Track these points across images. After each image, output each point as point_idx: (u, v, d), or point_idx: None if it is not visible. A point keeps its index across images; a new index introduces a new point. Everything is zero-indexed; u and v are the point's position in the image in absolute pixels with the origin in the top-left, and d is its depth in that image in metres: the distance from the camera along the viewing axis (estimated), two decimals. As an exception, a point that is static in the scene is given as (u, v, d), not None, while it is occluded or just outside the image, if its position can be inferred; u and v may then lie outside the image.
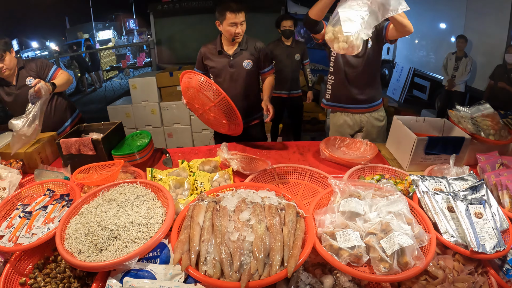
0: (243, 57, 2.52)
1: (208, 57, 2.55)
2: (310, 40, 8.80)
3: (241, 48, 2.51)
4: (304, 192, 1.80)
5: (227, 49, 2.51)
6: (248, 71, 2.54)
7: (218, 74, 2.56)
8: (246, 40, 2.52)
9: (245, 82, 2.56)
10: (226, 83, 2.53)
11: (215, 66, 2.54)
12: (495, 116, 2.09)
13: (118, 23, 26.57)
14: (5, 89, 2.54)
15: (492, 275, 1.28)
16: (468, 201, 1.37)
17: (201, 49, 2.59)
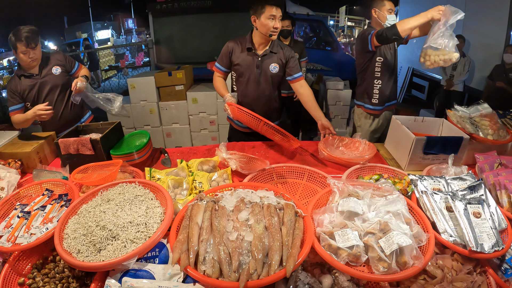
0: (271, 60, 2.42)
1: (237, 52, 2.43)
2: (309, 40, 8.82)
3: (271, 51, 2.41)
4: (303, 191, 1.80)
5: (257, 48, 2.41)
6: (273, 75, 2.45)
7: (242, 73, 2.45)
8: (276, 43, 2.44)
9: (268, 85, 2.48)
10: (249, 83, 2.46)
11: (241, 64, 2.43)
12: (493, 116, 2.10)
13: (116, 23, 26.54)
14: (28, 82, 2.53)
15: (491, 275, 1.28)
16: (466, 201, 1.37)
17: (228, 43, 2.46)
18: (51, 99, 2.59)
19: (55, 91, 2.60)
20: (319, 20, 8.01)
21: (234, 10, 5.34)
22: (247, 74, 2.44)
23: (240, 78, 2.48)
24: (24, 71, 2.52)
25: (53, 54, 2.67)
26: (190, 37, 5.65)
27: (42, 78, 2.54)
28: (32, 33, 2.36)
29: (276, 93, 2.58)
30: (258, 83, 2.45)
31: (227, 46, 2.45)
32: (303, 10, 7.16)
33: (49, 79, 2.56)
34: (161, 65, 5.84)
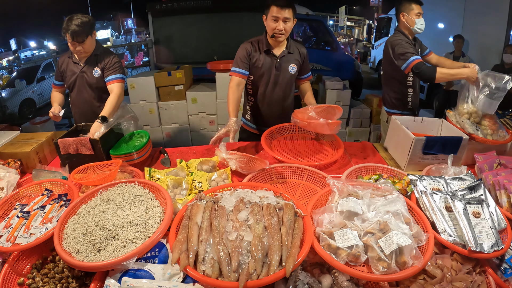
0: (289, 61, 2.38)
1: (254, 54, 2.35)
2: (308, 40, 8.82)
3: (289, 51, 2.37)
4: (302, 191, 1.80)
5: (274, 50, 2.36)
6: (291, 75, 2.42)
7: (261, 75, 2.39)
8: (292, 43, 2.40)
9: (286, 86, 2.45)
10: (268, 85, 2.41)
11: (260, 66, 2.35)
12: (492, 116, 2.10)
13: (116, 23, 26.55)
14: (72, 67, 2.52)
15: (490, 274, 1.29)
16: (466, 201, 1.37)
17: (244, 45, 2.36)
18: (81, 95, 2.57)
19: (86, 90, 2.56)
20: (318, 20, 8.01)
21: (233, 10, 5.33)
22: (266, 76, 2.39)
23: (258, 80, 2.43)
24: (73, 55, 2.51)
25: (105, 53, 2.54)
26: (189, 37, 5.65)
27: (82, 72, 2.51)
28: (82, 27, 2.29)
29: (292, 93, 2.57)
30: (277, 85, 2.42)
31: (244, 48, 2.34)
32: (302, 10, 7.15)
33: (87, 77, 2.51)
34: (161, 65, 5.84)
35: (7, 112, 7.86)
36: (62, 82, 2.60)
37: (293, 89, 2.57)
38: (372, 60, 13.54)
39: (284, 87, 2.44)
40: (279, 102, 2.48)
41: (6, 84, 9.41)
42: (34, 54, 18.77)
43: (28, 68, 10.04)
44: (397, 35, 2.71)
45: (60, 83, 2.61)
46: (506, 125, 2.30)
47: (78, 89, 2.57)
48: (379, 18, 13.68)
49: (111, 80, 2.48)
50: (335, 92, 4.98)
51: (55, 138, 2.02)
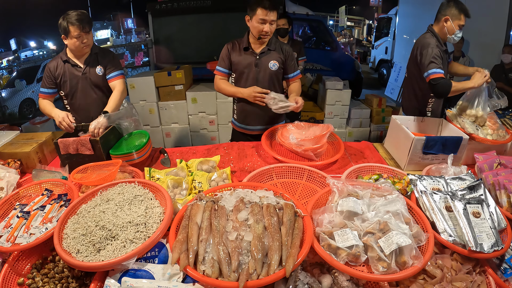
0: (270, 57, 2.41)
1: (235, 53, 2.42)
2: (308, 40, 8.82)
3: (269, 48, 2.40)
4: (302, 191, 1.80)
5: (254, 47, 2.40)
6: (273, 72, 2.43)
7: (241, 72, 2.44)
8: (274, 41, 2.43)
9: (269, 84, 2.44)
10: (249, 83, 2.43)
11: (239, 63, 2.42)
12: (492, 115, 2.10)
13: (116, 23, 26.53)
14: (70, 71, 2.42)
15: (490, 274, 1.29)
16: (466, 201, 1.37)
17: (226, 45, 2.46)
18: (87, 97, 2.49)
19: (93, 90, 2.49)
20: (318, 20, 8.01)
21: (233, 10, 5.33)
22: (246, 73, 2.43)
23: (239, 78, 2.47)
24: (70, 58, 2.41)
25: (103, 52, 2.52)
26: (189, 37, 5.65)
27: (84, 74, 2.43)
28: (86, 16, 2.27)
29: (278, 91, 2.51)
30: (258, 82, 2.43)
31: (226, 48, 2.45)
32: (302, 10, 7.15)
33: (91, 77, 2.45)
34: (161, 65, 5.84)
35: (7, 112, 7.86)
36: (53, 89, 2.44)
37: (279, 87, 2.56)
38: (372, 60, 13.54)
39: (266, 84, 2.44)
40: None
41: (6, 84, 9.41)
42: (34, 54, 18.76)
43: (28, 68, 10.04)
44: (429, 36, 2.55)
45: (51, 91, 2.43)
46: (506, 125, 2.30)
47: (82, 92, 2.47)
48: (379, 18, 13.67)
49: (114, 77, 2.47)
50: (335, 92, 4.98)
51: (55, 138, 2.02)
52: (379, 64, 12.02)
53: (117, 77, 2.48)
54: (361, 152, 2.28)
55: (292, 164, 1.93)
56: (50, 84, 2.43)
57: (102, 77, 2.48)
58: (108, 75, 2.48)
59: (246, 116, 2.57)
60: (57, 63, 2.42)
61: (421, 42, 2.51)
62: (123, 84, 2.49)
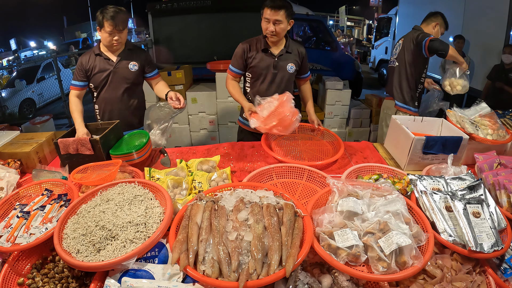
0: (288, 60, 2.41)
1: (252, 53, 2.39)
2: (308, 40, 8.82)
3: (287, 50, 2.40)
4: (302, 191, 1.80)
5: (272, 49, 2.39)
6: (290, 75, 2.45)
7: (259, 74, 2.42)
8: (291, 42, 2.43)
9: (285, 85, 2.46)
10: (266, 84, 2.43)
11: (257, 65, 2.39)
12: (492, 115, 2.10)
13: (116, 23, 26.47)
14: (102, 64, 2.44)
15: (490, 274, 1.29)
16: (466, 201, 1.37)
17: (241, 45, 2.43)
18: (117, 93, 2.50)
19: (123, 86, 2.50)
20: (318, 20, 8.01)
21: (233, 10, 5.33)
22: (264, 75, 2.42)
23: (256, 79, 2.45)
24: (103, 52, 2.44)
25: (138, 49, 2.56)
26: (189, 37, 5.65)
27: (116, 68, 2.44)
28: (122, 13, 2.28)
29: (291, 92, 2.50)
30: (276, 84, 2.43)
31: (241, 48, 2.41)
32: (302, 10, 7.15)
33: (123, 72, 2.46)
34: (161, 65, 5.84)
35: (7, 112, 7.86)
36: (84, 82, 2.46)
37: (292, 89, 2.56)
38: (372, 60, 13.55)
39: (282, 86, 2.45)
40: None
41: (6, 84, 9.41)
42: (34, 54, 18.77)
43: (28, 68, 10.03)
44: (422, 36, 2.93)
45: (82, 84, 2.45)
46: (506, 125, 2.30)
47: (112, 85, 2.49)
48: (379, 18, 13.68)
49: (155, 75, 2.63)
50: (335, 92, 4.98)
51: (55, 138, 2.02)
52: (379, 64, 12.03)
53: (157, 76, 2.65)
54: (361, 152, 2.28)
55: (292, 164, 1.93)
56: (81, 77, 2.45)
57: (134, 73, 2.51)
58: (149, 73, 2.60)
59: None
60: (89, 56, 2.46)
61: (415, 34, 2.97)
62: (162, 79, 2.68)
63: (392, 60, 3.28)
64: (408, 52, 3.05)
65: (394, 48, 3.32)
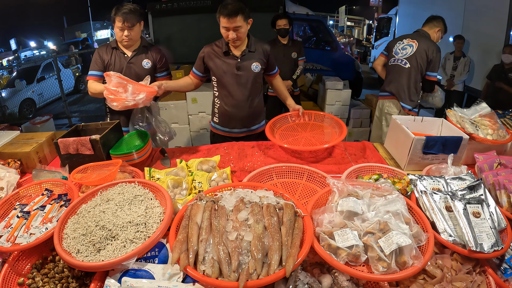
0: (252, 60, 2.38)
1: (212, 57, 2.38)
2: (308, 40, 8.82)
3: (250, 50, 2.38)
4: (302, 191, 1.80)
5: (234, 51, 2.36)
6: (256, 74, 2.42)
7: (222, 76, 2.40)
8: (254, 41, 2.41)
9: (252, 86, 2.43)
10: (231, 86, 2.41)
11: (219, 68, 2.37)
12: (493, 115, 2.10)
13: (116, 23, 26.47)
14: (117, 58, 2.49)
15: (490, 274, 1.29)
16: (466, 201, 1.37)
17: (204, 48, 2.42)
18: None
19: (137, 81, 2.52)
20: (318, 20, 8.01)
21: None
22: (228, 77, 2.39)
23: (221, 82, 2.43)
24: (119, 47, 2.50)
25: (154, 48, 2.60)
26: (189, 37, 5.65)
27: (130, 63, 2.49)
28: (132, 12, 2.32)
29: (261, 93, 2.58)
30: (242, 85, 2.41)
31: (202, 51, 2.41)
32: (302, 10, 7.15)
33: (136, 68, 2.50)
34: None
35: (7, 112, 7.86)
36: (101, 72, 2.46)
37: (261, 89, 2.57)
38: (372, 60, 13.54)
39: (249, 86, 2.43)
40: (245, 102, 2.47)
41: (6, 84, 9.42)
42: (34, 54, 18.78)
43: (28, 68, 10.05)
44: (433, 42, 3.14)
45: (99, 73, 2.46)
46: (506, 125, 2.30)
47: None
48: (379, 18, 13.68)
49: (164, 76, 2.65)
50: (335, 92, 4.98)
51: (55, 138, 2.02)
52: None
53: (166, 77, 2.65)
54: (361, 152, 2.28)
55: (292, 164, 1.93)
56: (99, 66, 2.48)
57: (147, 71, 2.53)
58: (160, 73, 2.62)
59: (230, 119, 2.55)
60: (106, 48, 2.52)
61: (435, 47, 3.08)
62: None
63: (400, 59, 3.22)
64: (422, 59, 3.09)
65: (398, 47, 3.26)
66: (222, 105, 2.51)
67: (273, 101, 4.38)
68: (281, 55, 4.12)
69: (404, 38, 3.23)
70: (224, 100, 2.49)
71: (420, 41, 3.11)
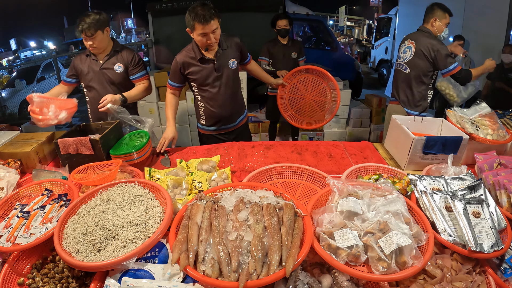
0: (228, 57, 2.40)
1: (189, 66, 2.36)
2: (308, 40, 8.82)
3: (223, 49, 2.37)
4: (302, 191, 1.80)
5: (207, 54, 2.34)
6: (234, 71, 2.46)
7: (203, 82, 2.40)
8: (223, 38, 2.39)
9: (232, 82, 2.48)
10: (215, 89, 2.42)
11: (200, 75, 2.37)
12: (493, 115, 2.10)
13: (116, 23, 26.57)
14: (91, 64, 2.53)
15: (490, 274, 1.29)
16: (466, 201, 1.37)
17: (176, 58, 2.37)
18: (103, 92, 2.52)
19: (109, 86, 2.56)
20: (318, 20, 8.01)
21: (233, 10, 5.33)
22: (209, 81, 2.40)
23: (203, 87, 2.43)
24: (92, 53, 2.52)
25: (126, 51, 2.59)
26: (189, 37, 5.64)
27: (102, 69, 2.52)
28: (91, 23, 2.33)
29: (239, 87, 2.62)
30: (222, 84, 2.43)
31: (176, 62, 2.38)
32: (302, 10, 7.15)
33: (109, 73, 2.52)
34: (161, 65, 5.84)
35: (7, 112, 7.86)
36: (71, 79, 2.59)
37: (240, 82, 2.62)
38: (372, 60, 13.55)
39: (230, 83, 2.47)
40: (230, 100, 2.51)
41: (6, 84, 9.41)
42: (34, 54, 18.78)
43: (28, 68, 10.04)
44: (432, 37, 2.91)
45: (68, 80, 2.59)
46: (506, 125, 2.30)
47: (99, 86, 2.55)
48: (379, 18, 13.68)
49: (139, 77, 2.60)
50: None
51: (55, 138, 2.02)
52: (379, 64, 12.03)
53: (142, 78, 2.62)
54: (361, 152, 2.28)
55: (292, 164, 1.93)
56: (70, 74, 2.58)
57: (120, 75, 2.55)
58: (133, 75, 2.59)
59: (217, 119, 2.57)
60: (81, 56, 2.56)
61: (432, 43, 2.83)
62: (148, 83, 2.63)
63: (401, 64, 3.12)
64: (422, 60, 2.90)
65: (401, 50, 3.16)
66: (207, 107, 2.51)
67: (274, 101, 4.38)
68: (281, 55, 4.12)
69: (406, 39, 3.10)
70: (208, 103, 2.50)
71: (418, 41, 2.92)
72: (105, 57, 2.52)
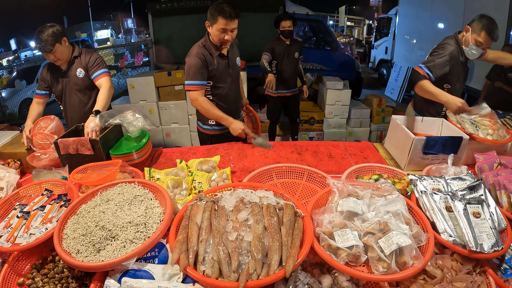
0: (235, 55, 2.48)
1: (211, 61, 2.33)
2: (308, 40, 8.81)
3: (232, 47, 2.46)
4: (302, 192, 1.80)
5: (224, 51, 2.40)
6: (239, 68, 2.56)
7: (219, 78, 2.40)
8: None
9: (238, 80, 2.58)
10: (228, 85, 2.45)
11: (217, 71, 2.37)
12: (493, 116, 2.10)
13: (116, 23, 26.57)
14: (56, 75, 2.55)
15: (490, 275, 1.29)
16: (466, 201, 1.37)
17: (197, 54, 2.30)
18: (74, 100, 2.60)
19: (77, 93, 2.59)
20: (318, 20, 8.01)
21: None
22: (223, 77, 2.43)
23: (218, 84, 2.43)
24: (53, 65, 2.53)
25: (84, 53, 2.56)
26: (189, 37, 5.63)
27: (67, 77, 2.54)
28: (48, 37, 2.30)
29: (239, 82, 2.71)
30: (233, 81, 2.51)
31: (197, 58, 2.29)
32: (302, 10, 7.14)
33: (73, 80, 2.54)
34: (161, 65, 5.84)
35: (7, 112, 7.86)
36: (45, 92, 2.59)
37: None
38: (372, 60, 13.55)
39: (237, 81, 2.57)
40: (237, 96, 2.61)
41: (6, 84, 9.41)
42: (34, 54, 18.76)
43: (28, 68, 10.04)
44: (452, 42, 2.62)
45: (43, 93, 2.58)
46: (506, 125, 2.30)
47: (67, 94, 2.59)
48: (379, 18, 13.67)
49: (98, 76, 2.53)
50: (335, 92, 4.98)
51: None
52: (379, 64, 12.03)
53: (101, 76, 2.53)
54: (361, 152, 2.28)
55: (292, 164, 1.93)
56: (42, 86, 2.58)
57: (83, 79, 2.56)
58: (92, 75, 2.54)
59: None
60: (47, 69, 2.56)
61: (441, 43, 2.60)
62: (109, 81, 2.53)
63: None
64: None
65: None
66: (220, 105, 2.50)
67: (274, 101, 4.38)
68: (285, 55, 4.13)
69: None
70: (222, 100, 2.50)
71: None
72: (68, 64, 2.52)
